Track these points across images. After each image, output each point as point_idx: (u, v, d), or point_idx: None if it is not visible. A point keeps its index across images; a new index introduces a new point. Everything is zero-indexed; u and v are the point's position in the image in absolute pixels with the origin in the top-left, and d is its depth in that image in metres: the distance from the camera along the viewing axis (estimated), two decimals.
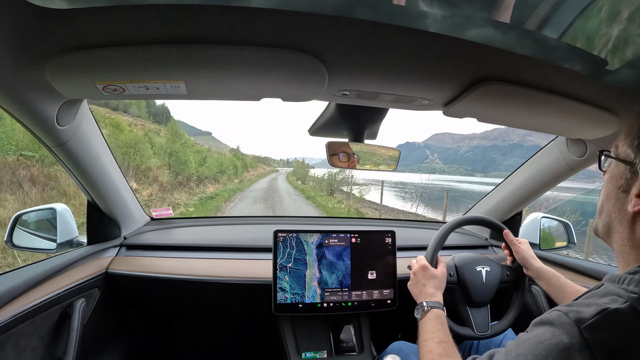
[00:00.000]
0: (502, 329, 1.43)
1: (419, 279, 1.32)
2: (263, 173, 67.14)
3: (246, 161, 61.96)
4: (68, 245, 1.63)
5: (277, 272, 1.53)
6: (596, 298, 0.68)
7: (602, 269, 1.62)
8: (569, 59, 0.83)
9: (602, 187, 0.82)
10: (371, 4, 0.65)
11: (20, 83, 0.92)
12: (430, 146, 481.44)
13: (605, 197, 0.80)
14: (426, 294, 1.26)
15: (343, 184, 25.64)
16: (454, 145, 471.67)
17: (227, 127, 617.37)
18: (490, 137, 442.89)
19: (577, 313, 0.65)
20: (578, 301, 0.70)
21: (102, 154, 1.45)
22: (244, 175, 43.06)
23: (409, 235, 2.15)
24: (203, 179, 23.15)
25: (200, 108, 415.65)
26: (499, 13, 0.65)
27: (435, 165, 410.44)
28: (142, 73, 0.90)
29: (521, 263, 1.45)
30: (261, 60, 0.86)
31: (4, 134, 9.99)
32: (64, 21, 0.73)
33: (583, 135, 1.40)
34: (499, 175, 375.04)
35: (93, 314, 1.50)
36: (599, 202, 0.83)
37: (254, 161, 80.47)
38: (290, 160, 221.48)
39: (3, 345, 1.07)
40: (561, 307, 0.70)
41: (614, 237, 0.78)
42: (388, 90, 1.07)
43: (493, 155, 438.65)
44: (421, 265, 1.34)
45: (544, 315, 0.71)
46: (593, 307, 0.64)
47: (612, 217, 0.78)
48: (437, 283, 1.29)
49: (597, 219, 0.83)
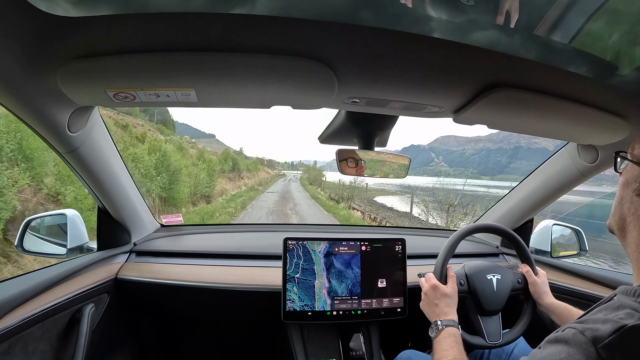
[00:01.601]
0: (513, 337, 1.41)
1: (430, 299, 1.30)
2: (264, 180, 45.68)
3: (237, 162, 35.93)
4: (78, 250, 1.63)
5: (286, 283, 1.53)
6: (610, 311, 0.67)
7: (614, 276, 1.59)
8: (579, 64, 0.82)
9: (617, 188, 0.81)
10: (380, 12, 0.65)
11: (31, 90, 0.93)
12: (435, 149, 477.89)
13: (620, 200, 0.79)
14: (440, 313, 1.24)
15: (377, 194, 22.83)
16: (459, 148, 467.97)
17: (231, 130, 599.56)
18: (495, 140, 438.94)
19: (593, 331, 0.63)
20: (592, 316, 0.68)
21: (113, 160, 1.46)
22: (223, 188, 23.71)
23: (420, 243, 2.14)
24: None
25: (205, 110, 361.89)
26: (508, 19, 0.65)
27: (441, 168, 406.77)
28: (153, 80, 0.90)
29: (533, 297, 1.44)
30: (271, 67, 0.87)
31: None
32: (75, 29, 0.74)
33: (594, 141, 1.39)
34: (506, 179, 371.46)
35: (102, 319, 1.50)
36: (613, 203, 0.82)
37: (254, 163, 55.36)
38: (295, 163, 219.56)
39: (12, 349, 1.08)
40: (576, 323, 0.68)
41: (628, 240, 0.77)
42: (398, 98, 1.07)
43: (499, 158, 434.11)
44: (431, 285, 1.32)
45: (558, 333, 0.69)
46: (609, 325, 0.62)
47: (626, 220, 0.77)
48: (449, 301, 1.27)
49: (611, 218, 0.82)
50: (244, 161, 46.16)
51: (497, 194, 16.65)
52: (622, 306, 0.66)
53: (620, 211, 0.78)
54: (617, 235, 0.81)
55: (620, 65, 0.80)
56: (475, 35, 0.71)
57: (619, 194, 0.79)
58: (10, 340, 1.07)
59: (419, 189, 20.27)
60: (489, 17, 0.66)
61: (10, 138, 6.65)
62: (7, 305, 1.06)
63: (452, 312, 1.25)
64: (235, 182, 30.42)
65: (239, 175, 35.16)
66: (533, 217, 2.02)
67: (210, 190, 19.69)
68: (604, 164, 1.47)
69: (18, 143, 6.84)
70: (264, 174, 54.00)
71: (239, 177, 34.61)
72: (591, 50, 0.75)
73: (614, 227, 0.81)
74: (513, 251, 1.54)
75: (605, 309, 0.69)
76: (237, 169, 34.86)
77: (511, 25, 0.66)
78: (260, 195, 26.75)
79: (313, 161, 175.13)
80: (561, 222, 2.04)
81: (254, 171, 47.57)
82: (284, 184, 47.99)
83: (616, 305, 0.68)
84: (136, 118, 25.74)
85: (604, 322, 0.64)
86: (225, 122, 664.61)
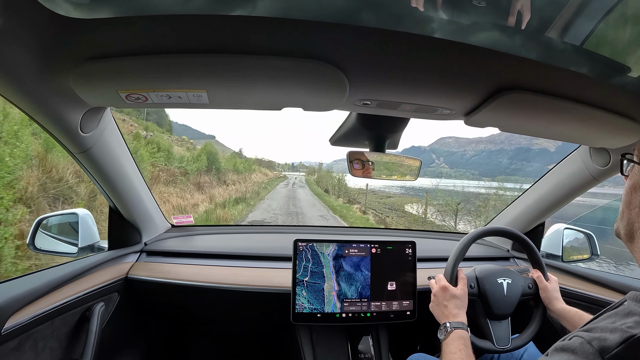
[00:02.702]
0: (522, 343, 1.40)
1: (440, 300, 1.29)
2: (260, 185, 30.12)
3: (217, 159, 24.30)
4: (89, 249, 1.65)
5: (296, 284, 1.53)
6: (619, 318, 0.66)
7: (627, 282, 1.57)
8: (590, 67, 0.82)
9: (623, 192, 0.79)
10: (391, 14, 0.65)
11: (44, 90, 0.94)
12: (436, 150, 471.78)
13: (627, 204, 0.77)
14: (449, 315, 1.24)
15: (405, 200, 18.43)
16: (460, 149, 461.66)
17: (231, 131, 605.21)
18: (496, 141, 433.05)
19: (600, 341, 0.62)
20: (600, 324, 0.67)
21: (124, 161, 1.47)
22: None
23: (430, 246, 2.13)
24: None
25: (206, 112, 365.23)
26: (519, 21, 0.64)
27: (442, 169, 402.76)
28: (165, 82, 0.91)
29: (544, 302, 1.42)
30: (282, 69, 0.87)
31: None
32: (87, 30, 0.75)
33: (606, 144, 1.38)
34: (507, 180, 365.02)
35: (112, 318, 1.52)
36: (620, 207, 0.80)
37: (246, 162, 42.46)
38: (296, 164, 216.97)
39: (22, 345, 1.09)
40: (583, 332, 0.67)
41: (637, 246, 0.75)
42: (409, 100, 1.07)
43: (500, 159, 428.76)
44: (441, 286, 1.31)
45: (565, 341, 0.68)
46: (617, 334, 0.61)
47: (634, 226, 0.75)
48: (459, 303, 1.27)
49: (619, 223, 0.81)
50: (234, 160, 34.39)
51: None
52: (631, 313, 0.65)
53: (629, 216, 0.76)
54: (624, 241, 0.79)
55: (632, 67, 0.80)
56: (487, 37, 0.70)
57: (626, 198, 0.77)
58: (21, 337, 1.08)
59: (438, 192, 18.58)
60: (500, 20, 0.66)
61: None
62: (17, 303, 1.07)
63: (462, 314, 1.24)
64: (208, 191, 18.26)
65: (220, 180, 22.58)
66: (544, 220, 2.01)
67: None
68: (617, 168, 1.45)
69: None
70: (259, 177, 39.19)
71: (220, 183, 22.15)
72: (603, 52, 0.75)
73: (621, 232, 0.80)
74: (524, 255, 1.52)
75: (614, 315, 0.68)
76: (215, 170, 22.65)
77: (522, 27, 0.65)
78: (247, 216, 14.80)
79: (315, 162, 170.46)
80: (573, 225, 2.02)
81: (246, 172, 33.44)
82: (287, 191, 31.86)
83: (625, 312, 0.66)
84: (129, 115, 23.06)
85: (612, 331, 0.62)
86: (226, 124, 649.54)
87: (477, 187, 16.30)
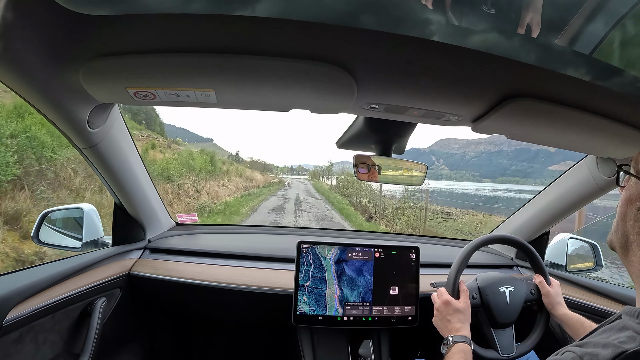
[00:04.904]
0: (527, 349, 1.40)
1: (443, 315, 1.29)
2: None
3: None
4: (93, 245, 1.66)
5: (298, 287, 1.53)
6: (613, 333, 0.65)
7: (630, 293, 1.56)
8: (600, 76, 0.81)
9: (619, 204, 0.78)
10: (401, 18, 0.65)
11: (54, 85, 0.95)
12: (436, 152, 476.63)
13: (622, 216, 0.75)
14: (452, 329, 1.23)
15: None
16: (459, 151, 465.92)
17: (229, 134, 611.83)
18: (496, 142, 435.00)
19: (592, 357, 0.61)
20: (594, 339, 0.66)
21: (131, 157, 1.48)
22: None
23: (434, 251, 2.12)
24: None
25: (203, 114, 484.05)
26: (529, 28, 0.64)
27: (442, 171, 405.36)
28: (174, 80, 0.91)
29: (547, 307, 1.42)
30: (291, 71, 0.87)
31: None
32: (97, 27, 0.75)
33: (614, 154, 1.37)
34: (507, 181, 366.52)
35: (113, 313, 1.52)
36: (615, 220, 0.79)
37: (241, 166, 34.78)
38: (295, 167, 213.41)
39: (23, 338, 1.10)
40: (575, 347, 0.66)
41: (631, 259, 0.74)
42: (417, 105, 1.06)
43: (500, 161, 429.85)
44: (444, 300, 1.30)
45: (557, 356, 0.67)
46: (610, 350, 0.60)
47: (629, 239, 0.73)
48: (462, 317, 1.26)
49: (613, 235, 0.79)
50: (196, 156, 20.39)
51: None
52: (625, 328, 0.64)
53: (624, 229, 0.75)
54: (619, 254, 0.78)
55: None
56: (496, 44, 0.70)
57: (622, 211, 0.76)
58: (22, 330, 1.09)
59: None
60: (510, 26, 0.65)
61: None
62: (19, 295, 1.08)
63: (465, 327, 1.23)
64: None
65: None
66: (549, 230, 2.00)
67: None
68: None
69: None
70: (237, 183, 25.18)
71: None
72: (612, 61, 0.74)
73: (615, 245, 0.78)
74: (528, 264, 1.52)
75: (609, 329, 0.67)
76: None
77: (533, 35, 0.65)
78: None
79: (313, 165, 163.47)
80: (577, 235, 2.01)
81: (220, 177, 21.96)
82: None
83: (620, 327, 0.66)
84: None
85: (604, 346, 0.62)
86: (224, 127, 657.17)
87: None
